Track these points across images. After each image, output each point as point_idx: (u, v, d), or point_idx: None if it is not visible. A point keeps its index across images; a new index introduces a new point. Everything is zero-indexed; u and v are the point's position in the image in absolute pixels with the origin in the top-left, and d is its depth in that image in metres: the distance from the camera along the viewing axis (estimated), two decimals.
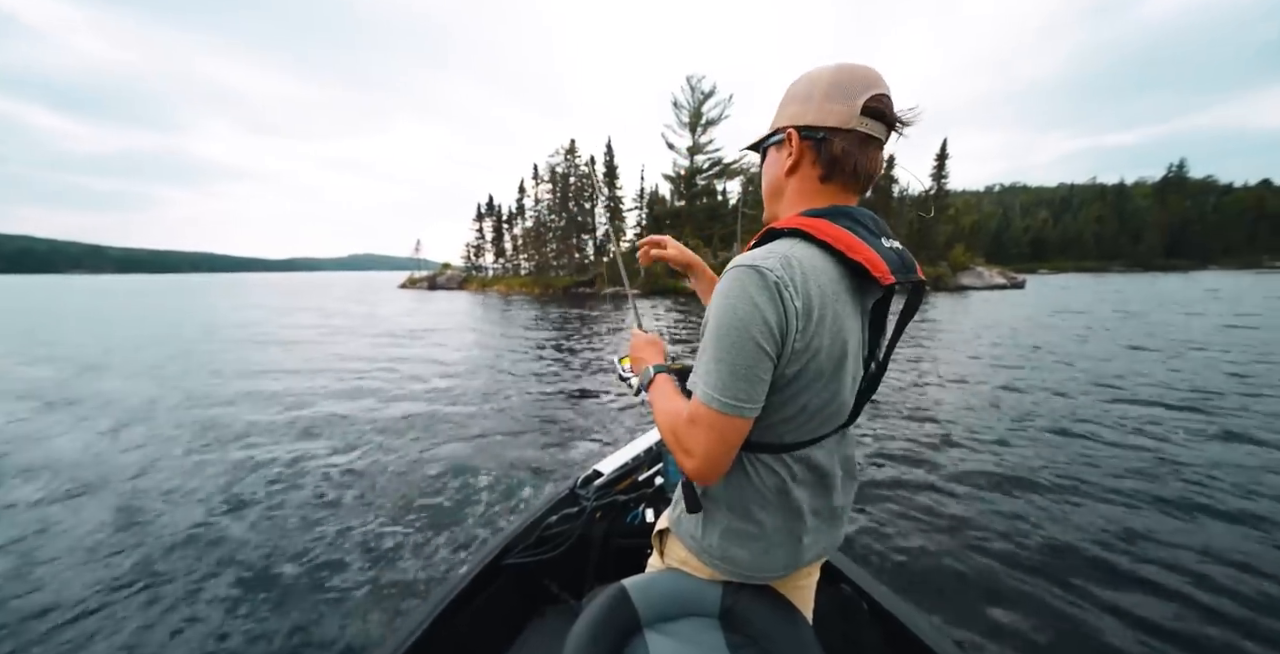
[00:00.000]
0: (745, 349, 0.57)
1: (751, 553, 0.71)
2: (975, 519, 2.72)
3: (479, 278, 44.92)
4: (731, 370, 0.57)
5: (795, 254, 0.59)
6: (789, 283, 0.56)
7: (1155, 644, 1.83)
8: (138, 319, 15.37)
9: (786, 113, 0.66)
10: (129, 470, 3.54)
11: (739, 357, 0.57)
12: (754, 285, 0.56)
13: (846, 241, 0.59)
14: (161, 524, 2.78)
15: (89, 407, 5.23)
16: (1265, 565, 2.28)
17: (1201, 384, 5.52)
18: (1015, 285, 32.10)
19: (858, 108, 0.60)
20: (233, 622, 1.98)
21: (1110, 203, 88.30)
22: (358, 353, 8.67)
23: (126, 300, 26.99)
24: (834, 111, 0.61)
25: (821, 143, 0.63)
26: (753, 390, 0.58)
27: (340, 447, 3.99)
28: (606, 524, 1.55)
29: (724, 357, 0.58)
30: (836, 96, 0.61)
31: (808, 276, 0.58)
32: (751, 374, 0.57)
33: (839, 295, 0.60)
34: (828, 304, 0.59)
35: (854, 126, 0.61)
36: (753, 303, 0.56)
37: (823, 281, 0.59)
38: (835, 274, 0.60)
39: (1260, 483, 3.10)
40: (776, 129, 0.67)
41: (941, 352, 8.07)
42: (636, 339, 0.91)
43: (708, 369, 0.59)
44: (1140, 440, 3.85)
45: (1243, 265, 69.75)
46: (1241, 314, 12.46)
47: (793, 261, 0.58)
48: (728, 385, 0.58)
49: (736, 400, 0.58)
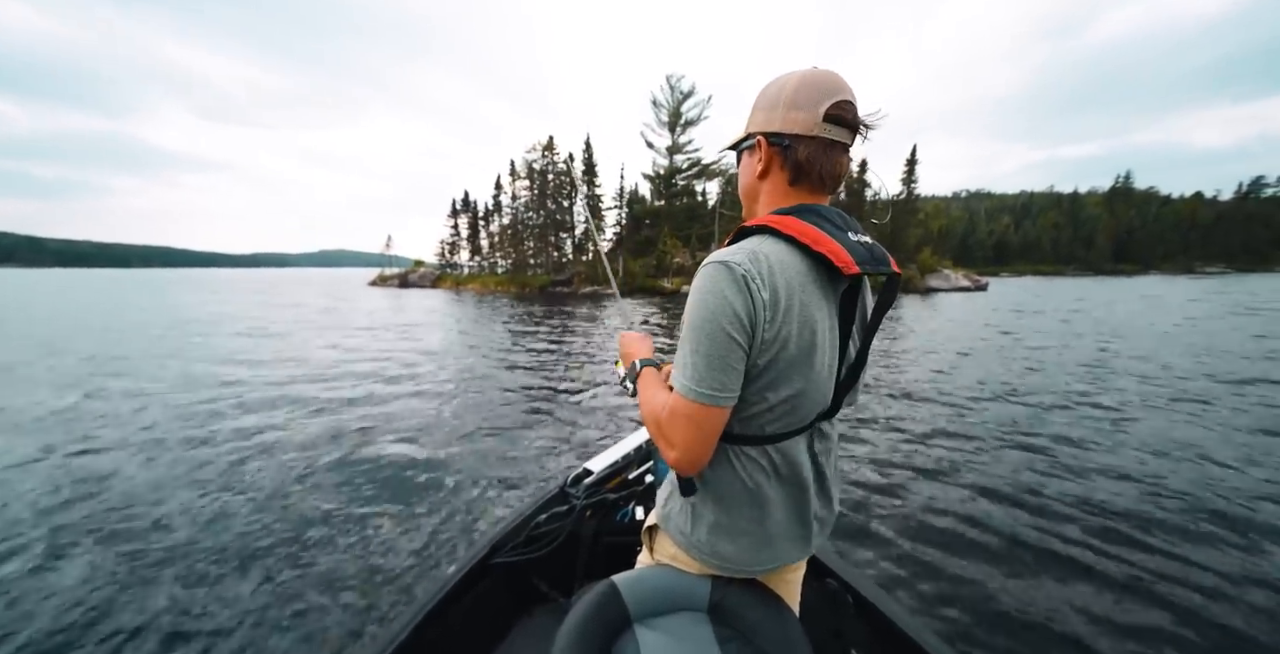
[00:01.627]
0: (718, 340, 0.59)
1: (739, 547, 0.72)
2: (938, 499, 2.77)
3: (453, 276, 43.76)
4: (706, 361, 0.60)
5: (762, 249, 0.62)
6: (756, 276, 0.59)
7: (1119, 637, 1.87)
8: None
9: (756, 119, 0.69)
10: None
11: (712, 347, 0.60)
12: (723, 279, 0.59)
13: (812, 235, 0.61)
14: (159, 517, 2.73)
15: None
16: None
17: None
18: (979, 288, 33.55)
19: (819, 115, 0.63)
20: (218, 617, 1.95)
21: (1065, 210, 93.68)
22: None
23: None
24: (797, 119, 0.64)
25: (787, 149, 0.66)
26: (727, 380, 0.60)
27: (303, 442, 3.74)
28: (596, 522, 1.55)
29: (698, 348, 0.61)
30: (800, 104, 0.64)
31: (774, 269, 0.60)
32: (725, 364, 0.60)
33: (805, 286, 0.62)
34: (794, 295, 0.61)
35: (816, 133, 0.64)
36: (722, 296, 0.59)
37: (789, 274, 0.61)
38: (802, 267, 0.62)
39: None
40: (748, 134, 0.70)
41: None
42: (624, 337, 0.92)
43: (684, 362, 0.62)
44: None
45: (1180, 270, 74.90)
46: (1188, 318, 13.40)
47: (759, 255, 0.61)
48: (703, 376, 0.60)
49: (712, 390, 0.60)
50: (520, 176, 40.94)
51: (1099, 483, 3.16)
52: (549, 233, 39.66)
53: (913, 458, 3.60)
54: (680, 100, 37.01)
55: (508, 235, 42.21)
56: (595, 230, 1.61)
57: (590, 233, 39.33)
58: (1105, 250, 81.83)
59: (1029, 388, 5.67)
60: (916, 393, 5.48)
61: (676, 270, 33.11)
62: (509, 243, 41.90)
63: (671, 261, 33.96)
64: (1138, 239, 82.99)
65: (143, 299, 22.97)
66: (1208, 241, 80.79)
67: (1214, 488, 3.07)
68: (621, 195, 40.21)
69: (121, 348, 8.55)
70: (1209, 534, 2.56)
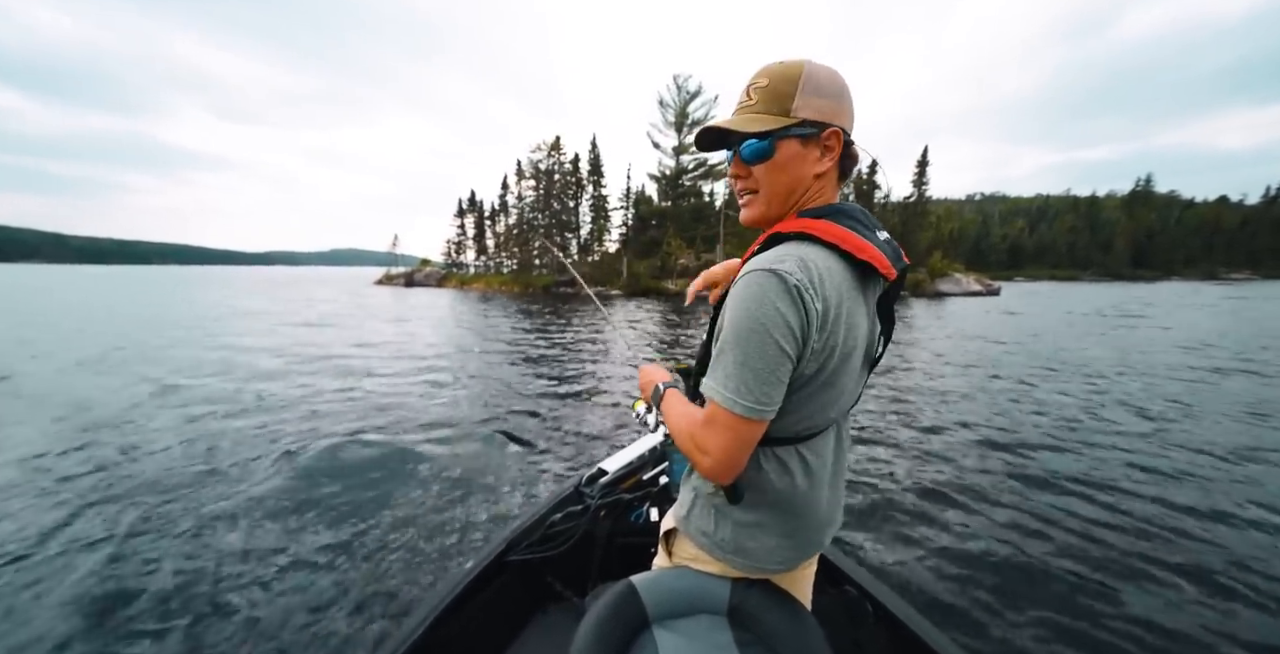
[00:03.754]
0: (768, 353, 0.57)
1: (764, 544, 0.72)
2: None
3: (459, 275, 43.87)
4: (755, 375, 0.57)
5: (809, 256, 0.59)
6: (809, 286, 0.57)
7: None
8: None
9: (817, 106, 0.61)
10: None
11: (761, 360, 0.57)
12: (775, 290, 0.56)
13: (854, 243, 0.60)
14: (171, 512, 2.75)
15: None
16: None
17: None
18: (991, 292, 32.73)
19: (853, 113, 0.64)
20: (224, 616, 1.93)
21: (1083, 214, 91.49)
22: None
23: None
24: (850, 115, 0.63)
25: (849, 146, 0.64)
26: (773, 393, 0.59)
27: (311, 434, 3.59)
28: (610, 522, 1.55)
29: (746, 360, 0.58)
30: (849, 100, 0.63)
31: (824, 279, 0.59)
32: (773, 377, 0.58)
33: (850, 294, 0.61)
34: (843, 304, 0.60)
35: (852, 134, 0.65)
36: (775, 307, 0.56)
37: (837, 282, 0.60)
38: (847, 274, 0.61)
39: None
40: (807, 121, 0.61)
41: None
42: (643, 371, 0.92)
43: (728, 373, 0.59)
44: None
45: (1202, 276, 72.68)
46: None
47: (809, 264, 0.58)
48: (750, 389, 0.58)
49: (758, 404, 0.58)
50: (526, 176, 40.97)
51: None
52: (554, 233, 39.59)
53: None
54: (687, 100, 36.74)
55: (513, 235, 42.23)
56: (599, 233, 1.44)
57: (595, 234, 39.22)
58: (1124, 255, 79.75)
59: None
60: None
61: (681, 272, 32.81)
62: (514, 243, 41.92)
63: (676, 263, 33.68)
64: (1158, 244, 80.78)
65: (176, 295, 24.11)
66: (1232, 247, 78.48)
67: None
68: (628, 196, 40.03)
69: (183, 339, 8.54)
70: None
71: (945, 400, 5.34)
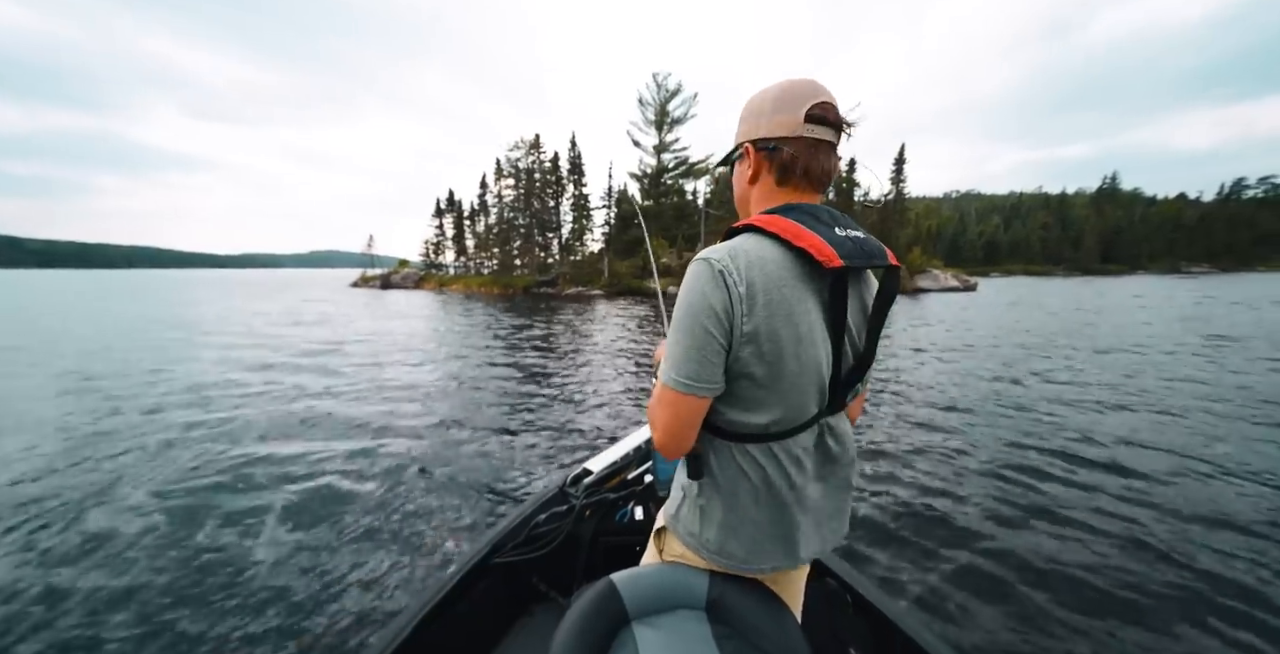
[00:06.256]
0: (696, 333, 0.63)
1: (746, 546, 0.74)
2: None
3: (438, 276, 42.81)
4: (685, 353, 0.64)
5: (744, 246, 0.65)
6: (732, 270, 0.62)
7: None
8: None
9: (742, 130, 0.74)
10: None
11: (691, 340, 0.64)
12: (703, 275, 0.63)
13: (792, 231, 0.64)
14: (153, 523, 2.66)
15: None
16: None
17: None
18: (968, 288, 33.25)
19: (801, 117, 0.68)
20: (206, 617, 1.91)
21: (1054, 211, 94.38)
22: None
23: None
24: (781, 122, 0.69)
25: (774, 152, 0.70)
26: (703, 371, 0.64)
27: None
28: (595, 522, 1.55)
29: (679, 340, 0.65)
30: (782, 109, 0.69)
31: (752, 264, 0.63)
32: (702, 356, 0.64)
33: (787, 281, 0.64)
34: (774, 289, 0.63)
35: (800, 133, 0.68)
36: (701, 291, 0.63)
37: (768, 268, 0.64)
38: (784, 262, 0.65)
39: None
40: (735, 145, 0.76)
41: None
42: (659, 352, 0.97)
43: (669, 353, 0.67)
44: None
45: (1166, 270, 75.67)
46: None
47: (738, 252, 0.64)
48: (681, 366, 0.65)
49: (689, 380, 0.64)
50: (505, 175, 40.12)
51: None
52: (534, 233, 38.88)
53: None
54: (667, 98, 36.41)
55: (493, 235, 41.36)
56: (579, 231, 1.13)
57: (575, 233, 38.63)
58: (1094, 250, 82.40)
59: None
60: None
61: (663, 271, 32.54)
62: (494, 243, 41.05)
63: (659, 262, 33.41)
64: (1124, 239, 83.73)
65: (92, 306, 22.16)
66: (1192, 242, 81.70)
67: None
68: (610, 194, 39.56)
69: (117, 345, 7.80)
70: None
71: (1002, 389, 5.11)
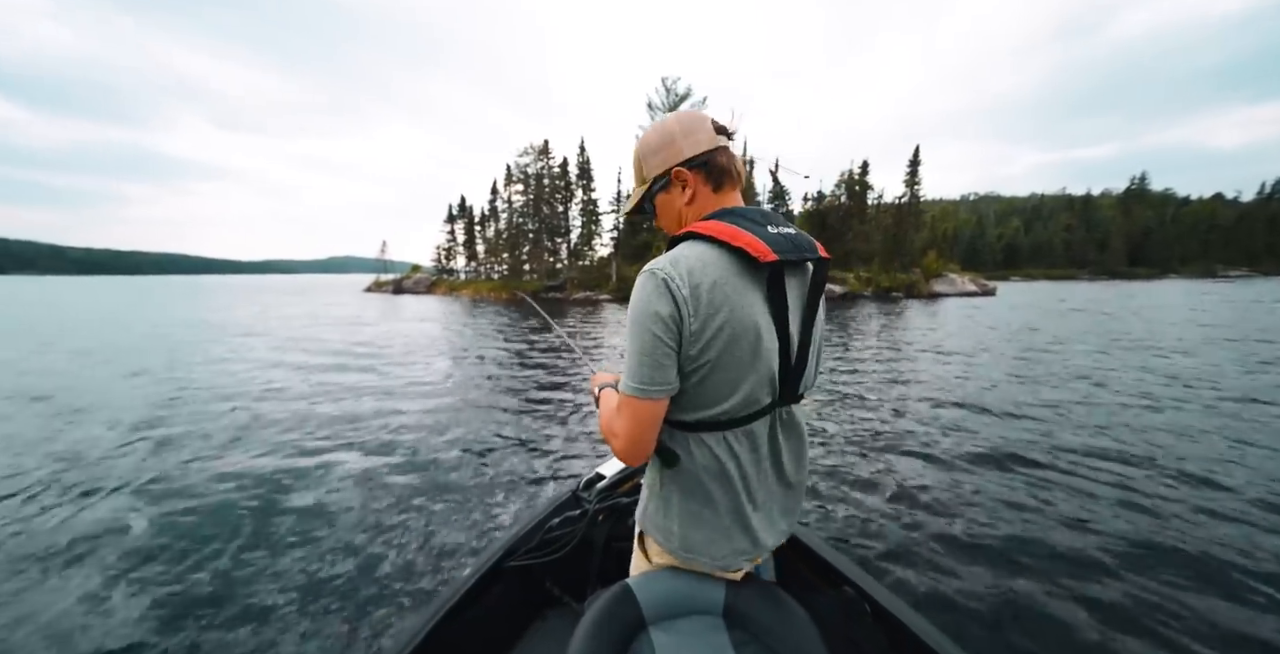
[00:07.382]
0: (645, 340, 0.67)
1: (706, 536, 0.76)
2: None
3: (448, 281, 43.26)
4: (638, 359, 0.68)
5: (684, 253, 0.69)
6: (674, 277, 0.67)
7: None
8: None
9: (655, 163, 0.78)
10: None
11: (641, 346, 0.68)
12: (647, 286, 0.68)
13: (728, 232, 0.69)
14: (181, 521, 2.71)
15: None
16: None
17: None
18: (986, 293, 32.13)
19: (712, 131, 0.76)
20: (219, 623, 1.92)
21: (1078, 212, 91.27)
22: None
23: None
24: (699, 141, 0.76)
25: (706, 165, 0.76)
26: (656, 375, 0.68)
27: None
28: (608, 527, 1.54)
29: (632, 348, 0.69)
30: (692, 132, 0.76)
31: (693, 268, 0.67)
32: (654, 361, 0.68)
33: (729, 280, 0.68)
34: (717, 288, 0.67)
35: (718, 144, 0.76)
36: (647, 300, 0.67)
37: (709, 270, 0.68)
38: (724, 262, 0.69)
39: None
40: (656, 177, 0.79)
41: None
42: (593, 380, 1.00)
43: (626, 363, 0.71)
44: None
45: (1200, 273, 72.41)
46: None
47: (679, 259, 0.68)
48: (635, 372, 0.69)
49: (643, 384, 0.68)
50: (515, 181, 40.44)
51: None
52: (543, 238, 39.00)
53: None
54: (676, 103, 36.22)
55: (503, 240, 41.64)
56: (585, 242, 0.99)
57: (583, 237, 38.62)
58: (1120, 253, 79.44)
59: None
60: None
61: None
62: (503, 248, 41.31)
63: None
64: (1154, 241, 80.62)
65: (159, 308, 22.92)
66: (1229, 244, 78.18)
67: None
68: (619, 199, 39.47)
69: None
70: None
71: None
